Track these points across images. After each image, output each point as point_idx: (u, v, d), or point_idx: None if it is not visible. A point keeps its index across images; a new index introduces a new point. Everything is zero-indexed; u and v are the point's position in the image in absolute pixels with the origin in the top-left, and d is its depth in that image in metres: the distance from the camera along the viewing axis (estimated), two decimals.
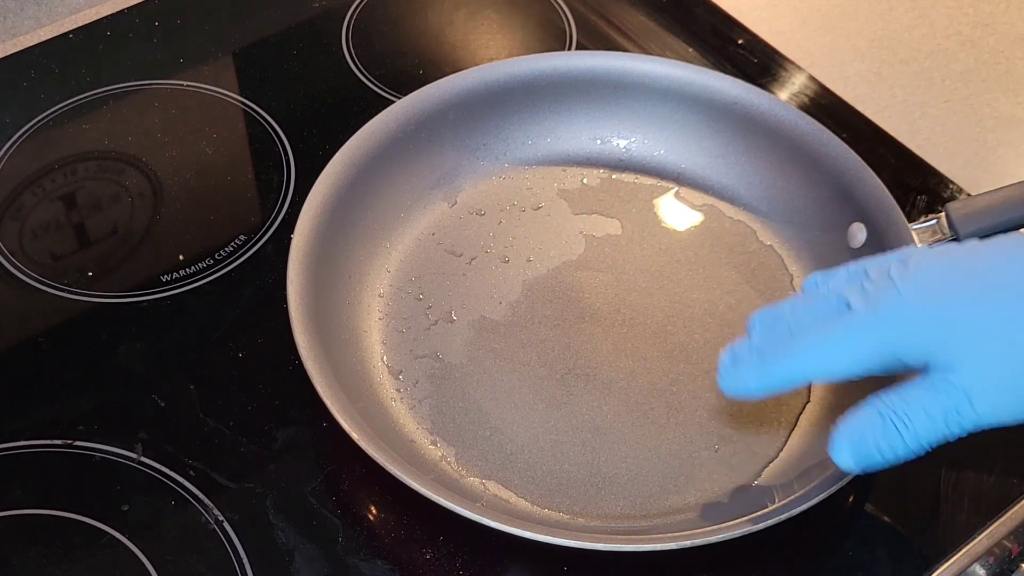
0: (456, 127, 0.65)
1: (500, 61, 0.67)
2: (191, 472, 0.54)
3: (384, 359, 0.59)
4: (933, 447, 0.44)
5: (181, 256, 0.64)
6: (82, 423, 0.56)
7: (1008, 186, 0.56)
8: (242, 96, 0.72)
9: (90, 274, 0.63)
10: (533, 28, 0.78)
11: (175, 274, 0.63)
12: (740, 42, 0.77)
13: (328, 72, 0.74)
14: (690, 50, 0.76)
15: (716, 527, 0.49)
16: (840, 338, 0.44)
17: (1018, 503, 0.55)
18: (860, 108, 0.73)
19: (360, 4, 0.79)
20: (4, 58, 0.74)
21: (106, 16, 0.77)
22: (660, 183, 0.67)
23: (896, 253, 0.45)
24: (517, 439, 0.56)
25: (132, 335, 0.60)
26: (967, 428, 0.43)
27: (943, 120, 0.73)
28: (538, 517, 0.53)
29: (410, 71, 0.74)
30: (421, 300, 0.61)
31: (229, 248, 0.64)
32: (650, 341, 0.60)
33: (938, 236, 0.57)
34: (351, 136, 0.62)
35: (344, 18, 0.78)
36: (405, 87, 0.67)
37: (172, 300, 0.62)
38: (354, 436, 0.50)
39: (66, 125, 0.71)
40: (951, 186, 0.68)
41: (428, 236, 0.64)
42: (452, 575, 0.52)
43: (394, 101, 0.65)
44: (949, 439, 0.43)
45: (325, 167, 0.60)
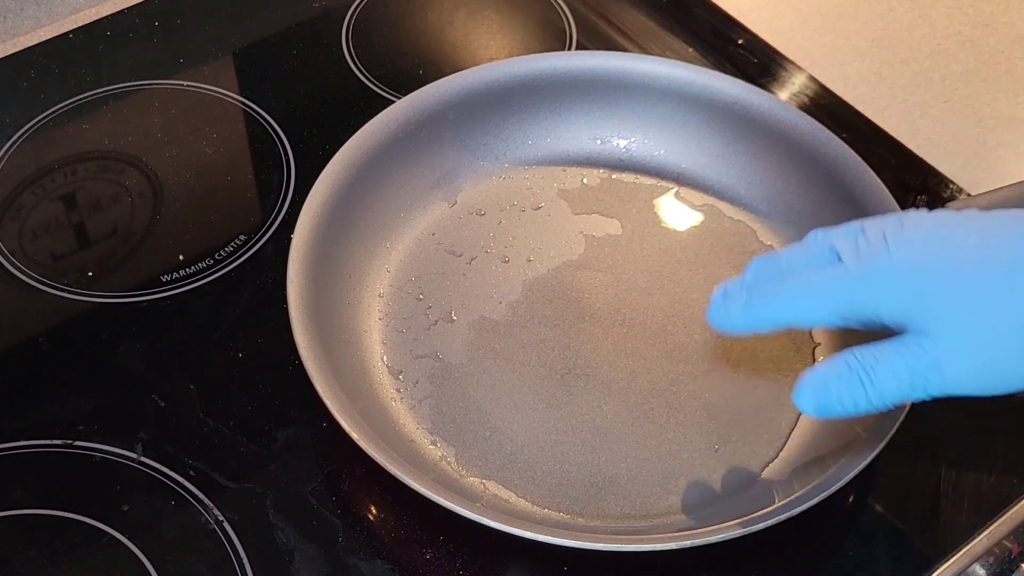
0: (456, 127, 0.65)
1: (500, 61, 0.67)
2: (191, 472, 0.54)
3: (384, 359, 0.59)
4: (896, 406, 0.44)
5: (181, 256, 0.64)
6: (82, 423, 0.56)
7: (1008, 186, 0.56)
8: (242, 96, 0.72)
9: (90, 274, 0.63)
10: (533, 28, 0.78)
11: (175, 274, 0.63)
12: (740, 42, 0.77)
13: (328, 72, 0.74)
14: (690, 50, 0.76)
15: (716, 527, 0.49)
16: (822, 287, 0.45)
17: (1018, 503, 0.55)
18: (860, 108, 0.73)
19: (360, 4, 0.79)
20: (4, 58, 0.74)
21: (106, 16, 0.77)
22: (660, 183, 0.67)
23: (895, 215, 0.46)
24: (517, 439, 0.56)
25: (132, 335, 0.60)
26: (932, 393, 0.43)
27: (943, 120, 0.73)
28: (538, 517, 0.53)
29: (410, 71, 0.74)
30: (421, 300, 0.61)
31: (229, 248, 0.64)
32: (650, 341, 0.60)
33: None
34: (351, 136, 0.62)
35: (344, 18, 0.78)
36: (405, 87, 0.67)
37: (172, 300, 0.62)
38: (354, 436, 0.50)
39: (66, 125, 0.71)
40: (951, 186, 0.68)
41: (428, 236, 0.64)
42: (452, 575, 0.52)
43: (394, 101, 0.65)
44: (913, 400, 0.44)
45: (325, 167, 0.60)
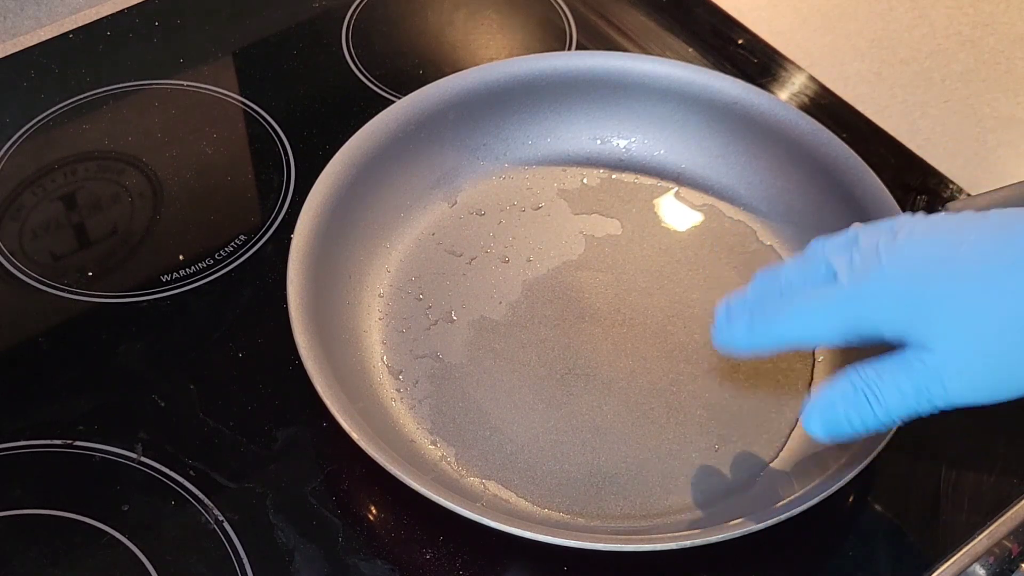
0: (456, 127, 0.65)
1: (500, 61, 0.67)
2: (191, 472, 0.54)
3: (384, 359, 0.59)
4: (905, 420, 0.44)
5: (181, 256, 0.64)
6: (82, 423, 0.56)
7: (1008, 186, 0.56)
8: (242, 96, 0.72)
9: (90, 274, 0.63)
10: (533, 28, 0.78)
11: (175, 274, 0.63)
12: (740, 42, 0.77)
13: (328, 72, 0.74)
14: (690, 50, 0.76)
15: (716, 527, 0.49)
16: (819, 309, 0.45)
17: (1018, 503, 0.55)
18: (860, 108, 0.72)
19: (360, 4, 0.79)
20: (4, 58, 0.74)
21: (106, 16, 0.77)
22: (660, 183, 0.67)
23: (889, 221, 0.45)
24: (517, 439, 0.56)
25: (132, 335, 0.60)
26: (938, 406, 0.43)
27: (943, 120, 0.73)
28: (538, 517, 0.53)
29: (410, 71, 0.74)
30: (421, 300, 0.61)
31: (229, 248, 0.64)
32: (650, 341, 0.60)
33: None
34: (351, 136, 0.62)
35: (344, 18, 0.78)
36: (405, 87, 0.67)
37: (172, 300, 0.62)
38: (354, 436, 0.50)
39: (66, 125, 0.70)
40: (951, 186, 0.68)
41: (428, 236, 0.64)
42: (452, 575, 0.52)
43: (394, 101, 0.65)
44: (921, 415, 0.44)
45: (325, 167, 0.60)
